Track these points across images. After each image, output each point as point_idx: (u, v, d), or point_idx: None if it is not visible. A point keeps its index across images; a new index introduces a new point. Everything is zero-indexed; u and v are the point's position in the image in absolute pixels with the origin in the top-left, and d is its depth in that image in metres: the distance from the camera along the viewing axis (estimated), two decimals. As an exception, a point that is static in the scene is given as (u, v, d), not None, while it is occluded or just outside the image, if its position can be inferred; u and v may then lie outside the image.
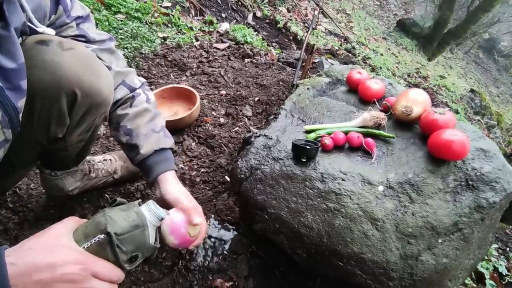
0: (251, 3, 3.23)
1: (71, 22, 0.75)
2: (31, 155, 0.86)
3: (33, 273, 0.48)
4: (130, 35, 2.03)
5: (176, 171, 0.90)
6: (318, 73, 1.41)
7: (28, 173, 1.00)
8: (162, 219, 0.63)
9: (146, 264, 1.00)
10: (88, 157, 1.09)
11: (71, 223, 0.58)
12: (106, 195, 1.01)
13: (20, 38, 0.63)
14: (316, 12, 3.69)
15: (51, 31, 0.66)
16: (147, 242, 0.60)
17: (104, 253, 0.55)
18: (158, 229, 0.68)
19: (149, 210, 0.62)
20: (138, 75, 0.94)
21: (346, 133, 0.94)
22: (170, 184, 0.85)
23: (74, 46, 0.70)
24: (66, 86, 0.69)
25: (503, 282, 1.35)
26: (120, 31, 2.02)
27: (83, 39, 0.78)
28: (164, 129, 0.91)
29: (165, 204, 0.83)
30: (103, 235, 0.54)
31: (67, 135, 0.81)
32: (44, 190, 1.14)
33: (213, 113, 1.63)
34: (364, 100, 1.11)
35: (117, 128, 0.88)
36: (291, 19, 3.45)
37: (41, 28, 0.64)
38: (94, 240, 0.55)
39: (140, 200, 0.65)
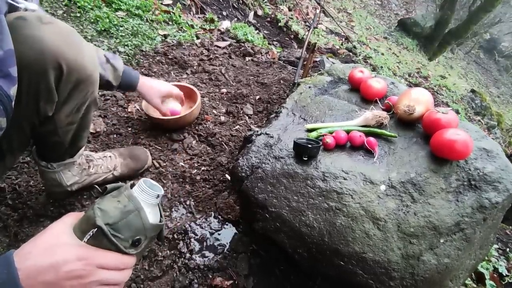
0: (252, 1, 3.22)
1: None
2: (21, 139, 0.84)
3: (38, 276, 0.47)
4: (130, 33, 2.02)
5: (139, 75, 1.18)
6: (319, 72, 1.41)
7: (16, 161, 0.98)
8: (158, 196, 0.60)
9: (145, 261, 1.00)
10: (86, 153, 1.08)
11: (69, 219, 0.57)
12: (96, 186, 1.00)
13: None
14: (317, 11, 3.68)
15: (33, 6, 0.65)
16: (146, 223, 0.57)
17: (103, 244, 0.54)
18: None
19: (142, 190, 0.59)
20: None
21: (348, 132, 0.94)
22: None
23: (52, 21, 0.69)
24: (51, 60, 0.68)
25: (503, 283, 1.35)
26: (121, 29, 2.01)
27: None
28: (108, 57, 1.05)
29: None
30: (95, 229, 0.53)
31: (55, 114, 0.81)
32: (43, 188, 1.14)
33: (214, 111, 1.63)
34: (366, 99, 1.11)
35: None
36: (292, 18, 3.44)
37: (23, 3, 0.63)
38: (89, 235, 0.53)
39: (132, 181, 0.62)
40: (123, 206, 0.56)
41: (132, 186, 0.61)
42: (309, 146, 0.87)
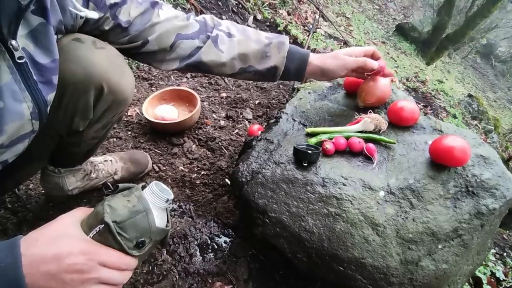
0: (251, 6, 3.24)
1: (106, 14, 0.73)
2: (50, 147, 0.87)
3: (40, 265, 0.48)
4: (131, 36, 2.03)
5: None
6: (319, 77, 1.42)
7: (41, 167, 1.00)
8: (168, 200, 0.60)
9: (145, 265, 1.00)
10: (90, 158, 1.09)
11: (78, 213, 0.58)
12: (108, 183, 0.96)
13: (56, 36, 0.66)
14: (317, 16, 3.71)
15: (93, 14, 0.68)
16: (153, 226, 0.57)
17: (108, 242, 0.54)
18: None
19: (152, 192, 0.59)
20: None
21: (347, 138, 0.95)
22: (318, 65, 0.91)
23: (105, 46, 0.75)
24: (96, 81, 0.73)
25: (500, 287, 1.36)
26: (121, 32, 2.02)
27: (119, 29, 0.77)
28: (269, 38, 0.89)
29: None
30: (102, 225, 0.53)
31: (86, 129, 0.84)
32: (43, 191, 1.14)
33: (214, 115, 1.64)
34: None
35: (234, 74, 0.90)
36: (291, 22, 3.46)
37: (84, 12, 0.66)
38: (96, 231, 0.54)
39: (144, 183, 0.63)
40: (132, 205, 0.56)
41: (143, 187, 0.61)
42: (309, 152, 0.88)
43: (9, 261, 0.46)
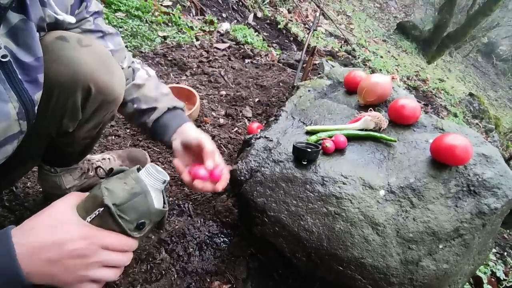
0: (252, 4, 3.22)
1: (89, 16, 0.75)
2: (41, 147, 0.86)
3: (40, 252, 0.47)
4: (130, 34, 2.02)
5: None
6: (319, 75, 1.41)
7: (34, 166, 0.99)
8: (164, 181, 0.60)
9: (143, 264, 0.99)
10: (87, 156, 1.08)
11: (72, 198, 0.57)
12: (102, 167, 0.93)
13: (38, 34, 0.63)
14: (317, 14, 3.69)
15: (71, 19, 0.66)
16: (152, 207, 0.58)
17: (108, 225, 0.54)
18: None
19: (149, 174, 0.59)
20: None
21: (347, 136, 0.94)
22: (190, 131, 0.82)
23: (91, 43, 0.72)
24: (83, 81, 0.70)
25: (501, 287, 1.35)
26: (120, 30, 2.01)
27: (100, 34, 0.78)
28: (171, 93, 0.91)
29: (190, 154, 0.81)
30: (102, 208, 0.53)
31: (76, 130, 0.82)
32: (41, 189, 1.13)
33: (213, 113, 1.63)
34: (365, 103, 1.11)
35: (124, 104, 0.87)
36: (291, 20, 3.45)
37: (62, 15, 0.64)
38: (95, 214, 0.53)
39: (138, 166, 0.62)
40: (131, 187, 0.56)
41: (138, 170, 0.61)
42: (309, 150, 0.87)
43: (1, 252, 0.46)
